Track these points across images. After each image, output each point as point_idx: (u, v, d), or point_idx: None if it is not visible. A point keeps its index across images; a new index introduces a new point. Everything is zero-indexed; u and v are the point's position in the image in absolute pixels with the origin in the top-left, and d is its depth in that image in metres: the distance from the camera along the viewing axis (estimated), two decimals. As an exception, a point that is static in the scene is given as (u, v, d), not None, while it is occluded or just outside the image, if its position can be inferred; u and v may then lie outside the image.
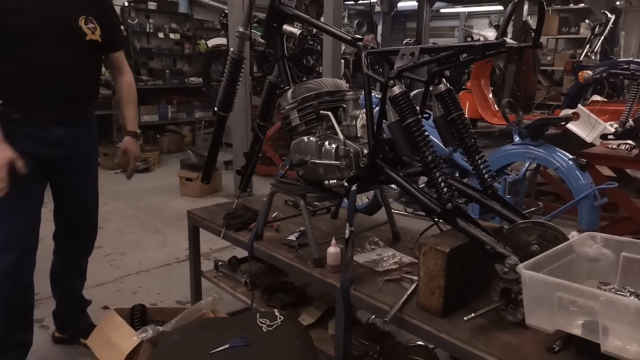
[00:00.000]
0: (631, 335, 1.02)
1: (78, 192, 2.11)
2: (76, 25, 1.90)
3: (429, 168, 1.44)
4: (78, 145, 2.02)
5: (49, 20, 1.84)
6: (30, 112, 1.88)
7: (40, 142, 1.90)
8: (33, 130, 1.88)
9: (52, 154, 1.94)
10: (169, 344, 1.51)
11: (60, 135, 1.94)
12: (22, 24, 1.79)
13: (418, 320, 1.38)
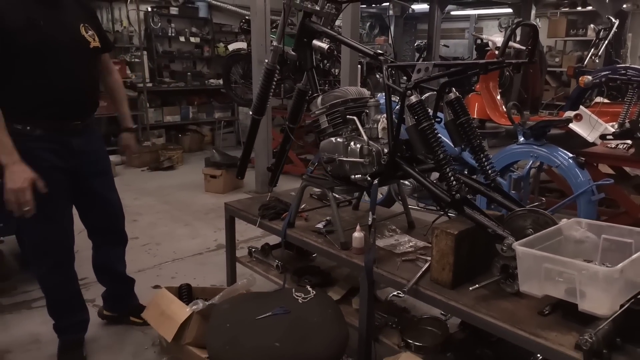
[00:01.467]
0: (601, 297, 1.29)
1: (102, 191, 2.27)
2: (79, 35, 2.03)
3: (440, 165, 1.72)
4: (93, 150, 2.19)
5: (58, 33, 1.95)
6: (50, 127, 2.00)
7: (62, 154, 2.02)
8: (54, 144, 2.00)
9: (73, 163, 2.07)
10: (221, 312, 1.80)
11: (78, 144, 2.09)
12: (35, 40, 1.89)
13: (431, 291, 1.66)
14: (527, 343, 1.40)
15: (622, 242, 1.53)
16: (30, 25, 1.87)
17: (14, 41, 1.84)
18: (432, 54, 7.13)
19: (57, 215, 2.10)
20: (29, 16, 1.87)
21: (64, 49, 1.96)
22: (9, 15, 1.83)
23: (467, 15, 10.12)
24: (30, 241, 2.17)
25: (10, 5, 1.85)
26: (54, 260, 2.15)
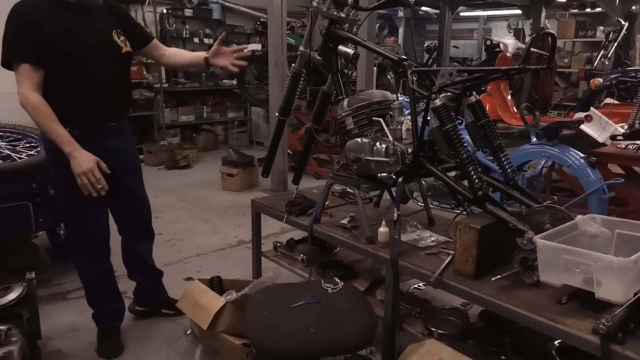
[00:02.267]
0: (616, 285, 1.40)
1: (133, 188, 2.39)
2: (112, 41, 2.15)
3: (464, 164, 1.84)
4: (126, 149, 2.31)
5: (93, 40, 2.07)
6: (88, 128, 2.12)
7: (98, 153, 2.09)
8: (91, 144, 2.08)
9: (108, 162, 2.12)
10: (257, 301, 1.93)
11: (112, 144, 2.21)
12: (71, 48, 2.01)
13: (455, 281, 1.78)
14: (547, 328, 1.52)
15: (634, 237, 1.64)
16: (67, 34, 1.99)
17: (52, 50, 1.97)
18: (443, 55, 7.24)
19: (93, 211, 2.24)
20: (65, 25, 1.99)
21: (98, 55, 2.08)
22: (47, 26, 1.95)
23: (476, 16, 10.21)
24: (70, 235, 2.32)
25: (47, 15, 1.97)
26: (91, 252, 2.29)
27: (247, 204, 4.71)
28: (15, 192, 2.50)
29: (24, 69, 1.94)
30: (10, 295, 2.13)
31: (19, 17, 1.95)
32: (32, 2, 2.00)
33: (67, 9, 2.02)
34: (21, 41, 1.94)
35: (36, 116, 1.98)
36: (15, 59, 1.96)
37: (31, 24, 1.93)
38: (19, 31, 1.94)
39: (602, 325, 1.37)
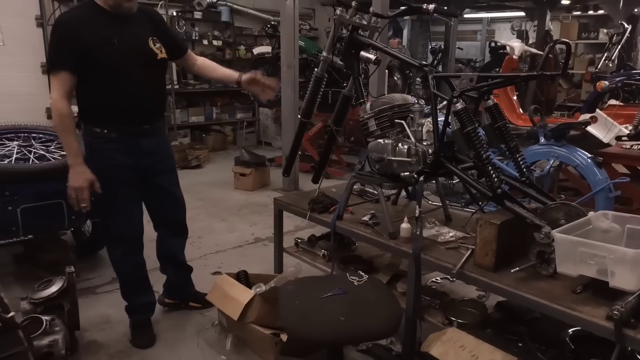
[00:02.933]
0: (629, 275, 1.53)
1: (168, 187, 2.51)
2: (148, 48, 2.25)
3: (484, 164, 1.96)
4: (160, 151, 2.42)
5: (130, 48, 2.18)
6: (124, 130, 2.25)
7: (133, 154, 2.27)
8: (127, 145, 2.25)
9: (143, 162, 2.31)
10: (289, 292, 2.05)
11: (148, 145, 2.33)
12: (111, 55, 2.13)
13: (476, 274, 1.90)
14: (565, 316, 1.64)
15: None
16: (104, 43, 2.12)
17: (90, 58, 2.10)
18: (449, 56, 7.36)
19: (128, 208, 2.37)
20: (103, 34, 2.12)
21: (134, 62, 2.20)
22: (85, 35, 2.08)
23: (479, 18, 10.34)
24: (107, 231, 2.45)
25: (86, 25, 2.10)
26: (126, 247, 2.42)
27: (260, 202, 4.90)
28: (50, 191, 2.63)
29: (61, 76, 2.08)
30: (52, 288, 2.26)
31: (60, 28, 2.11)
32: (72, 14, 2.17)
33: (105, 17, 2.14)
34: (60, 51, 2.09)
35: (59, 123, 2.12)
36: (54, 66, 2.10)
37: (70, 35, 2.07)
38: (59, 42, 2.09)
39: (616, 311, 1.49)
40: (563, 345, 1.91)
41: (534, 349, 1.92)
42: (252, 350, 2.39)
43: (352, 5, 2.39)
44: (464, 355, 1.81)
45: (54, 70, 2.11)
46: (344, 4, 2.41)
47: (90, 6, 2.15)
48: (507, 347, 1.83)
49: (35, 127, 3.05)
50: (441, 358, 1.84)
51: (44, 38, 6.18)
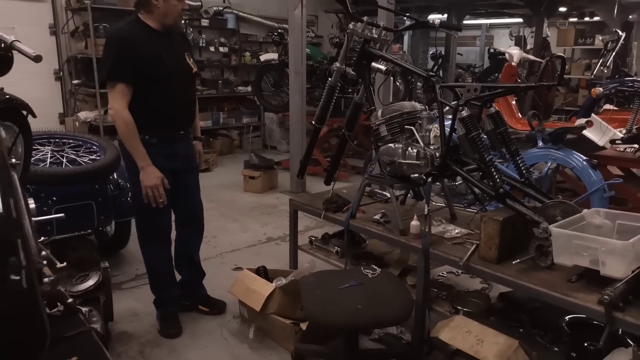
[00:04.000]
0: (618, 264, 1.72)
1: (194, 186, 2.74)
2: (186, 62, 2.50)
3: (487, 166, 2.15)
4: (190, 154, 2.66)
5: (175, 63, 2.43)
6: (163, 136, 2.47)
7: (169, 157, 2.49)
8: (164, 149, 2.47)
9: (176, 164, 2.53)
10: (309, 284, 2.23)
11: (180, 148, 2.57)
12: (161, 69, 2.36)
13: (481, 265, 2.09)
14: (561, 302, 1.83)
15: (633, 226, 1.95)
16: (156, 58, 2.34)
17: (145, 71, 2.31)
18: (450, 62, 7.56)
19: (165, 208, 2.55)
20: (155, 50, 2.34)
21: (177, 75, 2.44)
22: (141, 50, 2.30)
23: (478, 24, 10.56)
24: (144, 228, 2.63)
25: (141, 41, 2.32)
26: (159, 243, 2.62)
27: (270, 204, 5.10)
28: (82, 193, 2.81)
29: (120, 87, 2.28)
30: (89, 282, 2.44)
31: (119, 42, 2.30)
32: (127, 29, 2.36)
33: (153, 34, 2.37)
34: (120, 63, 2.27)
35: (125, 130, 2.32)
36: (114, 78, 2.29)
37: (129, 49, 2.27)
38: (119, 54, 2.28)
39: (607, 296, 1.68)
40: (560, 330, 2.11)
41: (534, 334, 2.10)
42: (272, 339, 2.58)
43: (364, 20, 2.59)
44: (470, 340, 1.99)
45: (113, 81, 2.29)
46: (357, 18, 2.60)
47: (140, 24, 2.37)
48: (509, 333, 2.02)
49: (64, 134, 3.24)
50: (450, 342, 2.03)
51: (57, 46, 6.38)
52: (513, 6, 7.38)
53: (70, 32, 6.40)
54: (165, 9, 2.34)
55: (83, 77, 6.39)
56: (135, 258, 3.55)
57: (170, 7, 2.34)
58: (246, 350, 2.54)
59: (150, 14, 2.36)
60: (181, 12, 2.40)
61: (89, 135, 3.13)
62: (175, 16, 2.38)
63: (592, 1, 6.69)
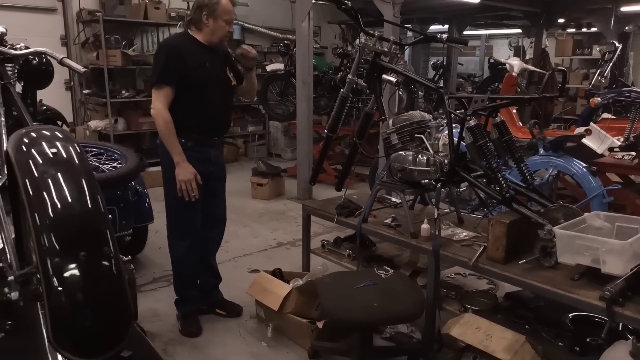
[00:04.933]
0: (617, 262, 1.86)
1: (221, 194, 2.90)
2: (226, 75, 2.72)
3: (494, 172, 2.30)
4: (220, 161, 2.83)
5: (216, 73, 2.63)
6: (199, 140, 2.64)
7: (202, 161, 2.64)
8: (198, 153, 2.63)
9: (208, 169, 2.69)
10: (326, 284, 2.37)
11: (213, 154, 2.74)
12: (203, 78, 2.56)
13: (489, 265, 2.23)
14: (565, 299, 1.96)
15: (630, 228, 2.09)
16: (200, 67, 2.54)
17: (189, 78, 2.51)
18: (451, 72, 7.74)
19: (197, 207, 2.71)
20: (199, 60, 2.54)
21: (217, 85, 2.63)
22: (188, 59, 2.50)
23: (478, 35, 10.77)
24: (176, 227, 2.76)
25: (188, 51, 2.53)
26: (189, 243, 2.75)
27: (278, 210, 5.24)
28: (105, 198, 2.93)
29: (164, 90, 2.48)
30: (116, 282, 2.57)
31: (168, 50, 2.52)
32: (177, 41, 2.61)
33: (199, 47, 2.58)
34: (168, 69, 2.48)
35: (164, 128, 2.50)
36: (160, 81, 2.48)
37: (177, 56, 2.48)
38: (168, 61, 2.48)
39: (607, 292, 1.82)
40: (563, 326, 2.24)
41: (539, 330, 2.23)
42: (288, 337, 2.70)
43: (376, 35, 2.75)
44: (479, 335, 2.12)
45: (159, 85, 2.49)
46: (368, 33, 2.76)
47: (188, 36, 2.59)
48: (516, 329, 2.15)
49: (87, 142, 3.37)
50: (460, 337, 2.16)
51: (68, 56, 6.54)
52: (512, 17, 7.57)
53: (81, 43, 6.56)
54: (214, 29, 2.55)
55: (94, 87, 6.53)
56: (151, 262, 3.68)
57: (218, 28, 2.56)
58: (264, 348, 2.66)
59: (200, 31, 2.57)
60: (227, 34, 2.62)
61: (110, 144, 3.25)
62: (221, 36, 2.60)
63: (589, 13, 6.88)
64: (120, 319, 0.93)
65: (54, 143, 1.02)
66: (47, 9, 6.34)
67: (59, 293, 0.82)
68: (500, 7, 6.31)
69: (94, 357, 0.84)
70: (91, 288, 0.85)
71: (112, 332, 0.90)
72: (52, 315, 0.82)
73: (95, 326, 0.86)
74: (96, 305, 0.86)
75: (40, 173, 0.94)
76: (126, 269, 1.06)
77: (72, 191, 0.96)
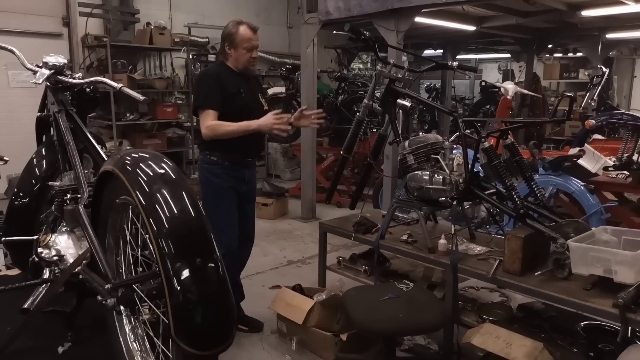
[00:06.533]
0: (629, 272, 2.02)
1: (252, 213, 3.07)
2: (259, 100, 2.93)
3: (508, 190, 2.46)
4: (253, 182, 3.01)
5: (250, 98, 2.84)
6: (235, 160, 2.83)
7: (238, 180, 2.85)
8: (234, 172, 2.83)
9: (243, 188, 2.88)
10: (352, 297, 2.49)
11: (247, 175, 2.93)
12: (240, 103, 2.76)
13: (506, 277, 2.37)
14: (580, 307, 2.12)
15: (636, 240, 2.26)
16: (238, 93, 2.74)
17: (229, 102, 2.70)
18: (446, 95, 8.01)
19: (235, 223, 2.87)
20: (237, 87, 2.74)
21: (252, 109, 2.80)
22: (227, 86, 2.70)
23: (469, 59, 11.14)
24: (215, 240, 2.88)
25: (227, 78, 2.74)
26: (228, 258, 2.82)
27: (284, 229, 5.36)
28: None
29: (209, 113, 2.67)
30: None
31: (209, 78, 2.74)
32: (216, 70, 2.84)
33: (235, 75, 2.79)
34: (212, 95, 2.68)
35: (220, 130, 2.67)
36: (206, 106, 2.68)
37: (218, 84, 2.69)
38: (211, 88, 2.68)
39: (620, 299, 1.97)
40: (577, 334, 2.38)
41: (555, 338, 2.37)
42: (311, 351, 2.80)
43: (391, 62, 2.93)
44: (500, 344, 2.26)
45: (204, 108, 2.68)
46: (385, 61, 2.95)
47: (224, 65, 2.82)
48: (533, 337, 2.28)
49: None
50: (482, 346, 2.28)
51: (73, 80, 6.66)
52: (503, 43, 7.89)
53: (86, 67, 6.69)
54: (237, 57, 2.77)
55: (99, 110, 6.64)
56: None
57: (240, 55, 2.76)
58: (288, 361, 2.76)
59: (227, 60, 2.80)
60: (250, 59, 2.80)
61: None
62: (244, 62, 2.79)
63: (576, 39, 7.21)
64: (228, 318, 1.05)
65: (159, 164, 1.15)
66: (53, 34, 6.49)
67: (180, 293, 0.94)
68: (493, 34, 6.61)
69: (208, 350, 0.96)
70: (207, 290, 0.97)
71: (223, 329, 1.01)
72: (174, 312, 0.94)
73: (210, 323, 0.97)
74: (211, 305, 0.98)
75: (154, 190, 1.07)
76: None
77: (183, 205, 1.09)
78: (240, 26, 2.77)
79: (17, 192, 2.03)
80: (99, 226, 1.49)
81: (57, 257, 1.59)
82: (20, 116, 6.14)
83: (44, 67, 1.93)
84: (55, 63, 1.99)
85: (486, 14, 5.77)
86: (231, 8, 8.16)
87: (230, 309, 1.07)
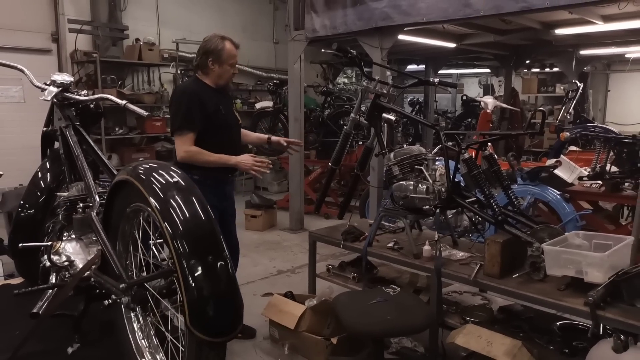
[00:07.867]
0: (598, 272, 2.18)
1: (232, 228, 3.14)
2: (235, 115, 2.99)
3: (487, 198, 2.63)
4: (232, 196, 3.09)
5: (228, 114, 2.88)
6: (216, 177, 2.83)
7: (219, 196, 2.84)
8: (215, 189, 2.81)
9: (223, 204, 2.90)
10: (342, 301, 2.61)
11: (228, 191, 2.99)
12: (220, 120, 2.78)
13: (487, 280, 2.53)
14: (555, 306, 2.27)
15: (605, 244, 2.43)
16: (217, 110, 2.77)
17: (209, 121, 2.73)
18: (429, 109, 8.24)
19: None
20: (215, 103, 2.77)
21: (230, 125, 2.88)
22: (207, 104, 2.73)
23: (450, 73, 11.46)
24: None
25: (205, 96, 2.75)
26: None
27: (273, 240, 5.47)
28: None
29: (188, 136, 2.68)
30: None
31: (189, 96, 2.70)
32: (193, 87, 2.79)
33: (212, 91, 2.82)
34: (192, 115, 2.67)
35: (199, 157, 2.68)
36: (185, 128, 2.68)
37: (198, 102, 2.69)
38: (191, 108, 2.67)
39: (590, 298, 2.13)
40: (553, 333, 2.54)
41: (532, 337, 2.53)
42: (303, 355, 2.91)
43: (376, 79, 3.10)
44: (481, 343, 2.40)
45: (182, 131, 2.66)
46: (370, 77, 3.11)
47: (199, 82, 2.82)
48: (512, 336, 2.43)
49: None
50: (465, 345, 2.43)
51: (62, 94, 6.72)
52: (483, 59, 8.19)
53: (75, 82, 6.76)
54: (220, 73, 2.80)
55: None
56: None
57: (224, 71, 2.81)
58: (281, 365, 2.86)
59: (207, 75, 2.81)
60: (232, 76, 2.87)
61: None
62: (227, 78, 2.85)
63: (552, 55, 7.52)
64: (236, 310, 1.17)
65: (170, 173, 1.27)
66: (42, 50, 6.56)
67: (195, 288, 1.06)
68: (473, 50, 6.87)
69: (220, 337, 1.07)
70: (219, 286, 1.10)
71: (232, 319, 1.14)
72: (190, 305, 1.06)
73: (221, 314, 1.09)
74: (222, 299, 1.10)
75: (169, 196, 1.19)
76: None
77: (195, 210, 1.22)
78: (226, 42, 2.77)
79: (24, 203, 2.13)
80: (109, 232, 1.60)
81: (67, 263, 1.69)
82: (8, 130, 6.19)
83: (52, 85, 2.04)
84: (63, 81, 2.10)
85: (465, 31, 6.02)
86: (218, 24, 8.32)
87: (238, 301, 1.19)
